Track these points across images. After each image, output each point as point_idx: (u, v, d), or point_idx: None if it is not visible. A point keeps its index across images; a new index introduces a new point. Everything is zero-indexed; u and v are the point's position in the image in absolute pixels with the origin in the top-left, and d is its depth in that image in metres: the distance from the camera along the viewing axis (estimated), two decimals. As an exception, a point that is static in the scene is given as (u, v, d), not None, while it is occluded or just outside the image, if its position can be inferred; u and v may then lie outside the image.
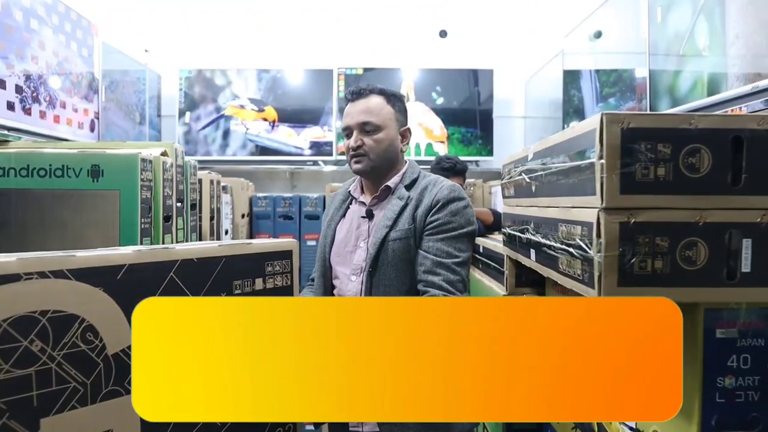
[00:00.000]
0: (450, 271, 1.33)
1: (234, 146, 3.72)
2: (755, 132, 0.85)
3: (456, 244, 1.38)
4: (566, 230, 1.02)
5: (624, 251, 0.85)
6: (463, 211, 1.42)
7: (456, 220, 1.40)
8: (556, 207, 1.10)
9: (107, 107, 2.96)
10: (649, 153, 0.84)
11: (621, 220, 0.85)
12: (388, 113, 1.55)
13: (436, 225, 1.41)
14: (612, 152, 0.84)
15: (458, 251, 1.36)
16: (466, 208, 1.43)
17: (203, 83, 3.69)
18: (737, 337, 0.91)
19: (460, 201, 1.43)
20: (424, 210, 1.44)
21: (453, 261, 1.34)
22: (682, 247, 0.86)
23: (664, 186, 0.85)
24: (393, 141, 1.56)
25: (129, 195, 1.59)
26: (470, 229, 1.42)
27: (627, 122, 0.84)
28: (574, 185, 0.97)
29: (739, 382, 0.91)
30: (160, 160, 1.70)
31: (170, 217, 1.78)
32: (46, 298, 0.79)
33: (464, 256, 1.37)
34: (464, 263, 1.37)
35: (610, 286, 0.86)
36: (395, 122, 1.57)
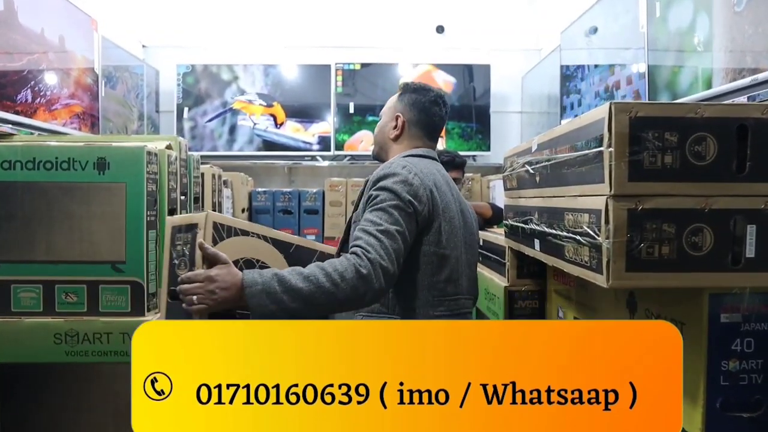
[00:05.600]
0: (369, 236, 1.25)
1: (241, 141, 3.72)
2: (760, 121, 0.87)
3: (381, 214, 1.29)
4: (573, 219, 1.04)
5: (632, 237, 0.87)
6: (392, 186, 1.33)
7: (383, 194, 1.33)
8: (562, 196, 1.13)
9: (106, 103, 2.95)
10: (656, 141, 0.86)
11: (629, 206, 0.87)
12: (390, 103, 1.63)
13: (366, 200, 1.39)
14: (621, 140, 0.86)
15: (382, 220, 1.28)
16: (397, 184, 1.34)
17: (209, 78, 3.69)
18: (741, 321, 0.93)
19: (392, 176, 1.36)
20: (365, 190, 1.44)
21: (377, 228, 1.26)
22: (688, 233, 0.88)
23: (671, 173, 0.87)
24: (383, 127, 1.63)
25: (135, 187, 1.60)
26: (396, 203, 1.31)
27: (635, 111, 0.86)
28: (582, 174, 1.00)
29: (743, 366, 0.94)
30: (165, 154, 1.71)
31: (174, 210, 1.79)
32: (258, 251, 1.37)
33: (389, 226, 1.27)
34: (388, 232, 1.26)
35: (619, 271, 0.88)
36: (391, 110, 1.61)
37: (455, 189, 1.60)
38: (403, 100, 1.60)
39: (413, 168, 1.40)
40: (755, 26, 1.45)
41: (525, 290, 1.80)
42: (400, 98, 1.61)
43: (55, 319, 1.53)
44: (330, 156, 3.71)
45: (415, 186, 1.35)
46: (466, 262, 1.52)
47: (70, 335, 1.55)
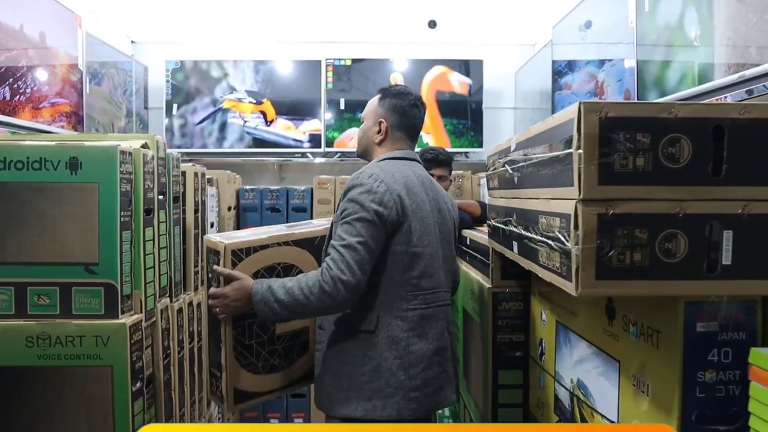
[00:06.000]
0: (334, 251, 1.41)
1: (231, 139, 3.67)
2: (737, 121, 0.83)
3: (347, 228, 1.42)
4: (546, 222, 1.01)
5: (602, 243, 0.84)
6: (357, 197, 1.44)
7: (350, 206, 1.45)
8: (537, 199, 1.09)
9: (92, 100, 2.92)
10: (627, 143, 0.83)
11: (599, 211, 0.83)
12: (371, 107, 1.69)
13: (338, 213, 1.51)
14: (590, 142, 0.83)
15: (346, 234, 1.41)
16: (362, 194, 1.44)
17: (199, 75, 3.64)
18: (718, 330, 0.90)
19: (358, 187, 1.46)
20: (341, 199, 1.54)
21: (340, 243, 1.41)
22: (661, 239, 0.84)
23: (643, 176, 0.83)
24: (366, 131, 1.69)
25: (108, 187, 1.57)
26: (361, 215, 1.42)
27: (605, 111, 0.82)
28: (554, 176, 0.96)
29: (720, 377, 0.90)
30: (141, 153, 1.67)
31: (151, 210, 1.75)
32: (281, 256, 1.63)
33: (351, 239, 1.40)
34: (350, 246, 1.39)
35: (588, 279, 0.85)
36: (373, 114, 1.68)
37: (433, 187, 1.65)
38: (384, 104, 1.66)
39: (380, 175, 1.49)
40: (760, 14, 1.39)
41: (509, 292, 1.77)
42: (381, 103, 1.67)
43: (27, 322, 1.51)
44: (321, 153, 3.67)
45: (380, 193, 1.45)
46: (443, 257, 1.60)
47: (42, 338, 1.52)
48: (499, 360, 1.79)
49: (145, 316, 1.68)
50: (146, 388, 1.69)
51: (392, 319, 1.48)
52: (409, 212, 1.47)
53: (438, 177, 2.56)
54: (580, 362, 1.32)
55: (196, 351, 2.17)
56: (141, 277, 1.66)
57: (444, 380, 1.53)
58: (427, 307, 1.51)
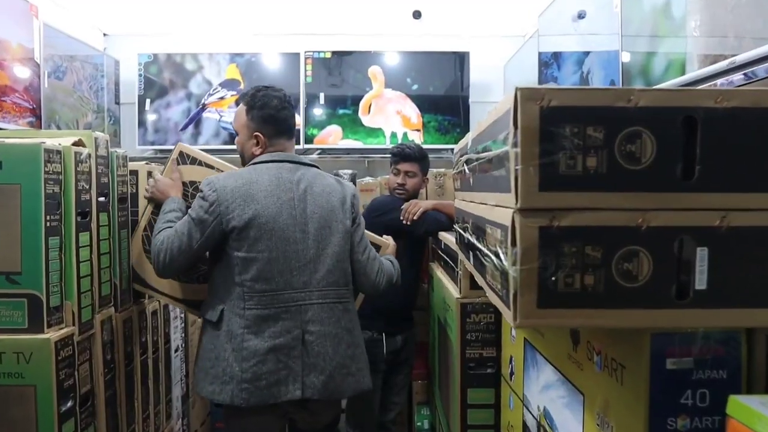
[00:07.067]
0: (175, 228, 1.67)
1: (206, 135, 3.52)
2: (712, 112, 0.67)
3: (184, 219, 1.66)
4: (491, 233, 0.85)
5: (545, 263, 0.67)
6: (196, 200, 1.66)
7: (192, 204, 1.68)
8: (485, 204, 0.93)
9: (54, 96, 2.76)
10: (575, 138, 0.66)
11: (541, 223, 0.67)
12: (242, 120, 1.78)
13: None
14: (528, 138, 0.66)
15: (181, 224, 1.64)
16: (198, 199, 1.65)
17: (173, 68, 3.48)
18: (693, 367, 0.73)
19: (199, 192, 1.66)
20: None
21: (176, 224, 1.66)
22: (619, 259, 0.68)
23: (596, 180, 0.67)
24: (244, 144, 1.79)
25: (31, 189, 1.44)
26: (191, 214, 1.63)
27: (547, 99, 0.66)
28: (495, 179, 0.79)
29: (695, 424, 0.74)
30: (72, 151, 1.52)
31: (88, 213, 1.60)
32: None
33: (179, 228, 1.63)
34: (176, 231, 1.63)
35: (528, 307, 0.68)
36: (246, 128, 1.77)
37: (301, 186, 1.67)
38: (253, 117, 1.73)
39: (217, 183, 1.62)
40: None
41: (479, 303, 1.61)
42: (249, 116, 1.73)
43: (-61, 337, 1.37)
44: (300, 150, 3.51)
45: (209, 203, 1.61)
46: (308, 258, 1.63)
47: (-44, 354, 1.38)
48: (468, 377, 1.63)
49: (79, 329, 1.54)
50: (81, 407, 1.55)
51: (232, 315, 1.59)
52: (240, 221, 1.58)
53: (405, 173, 2.42)
54: (547, 388, 1.16)
55: (151, 362, 2.02)
56: (73, 286, 1.52)
57: (285, 376, 1.58)
58: (263, 308, 1.58)
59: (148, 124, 3.52)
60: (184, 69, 3.51)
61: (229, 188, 1.61)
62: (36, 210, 1.42)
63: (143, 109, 3.49)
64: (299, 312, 1.61)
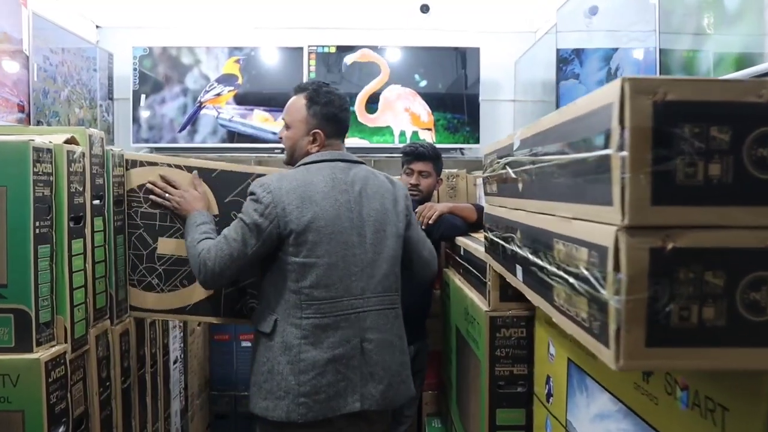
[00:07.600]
0: (217, 239, 1.56)
1: (204, 132, 3.38)
2: None
3: (234, 223, 1.55)
4: (565, 251, 0.72)
5: (657, 293, 0.55)
6: (247, 203, 1.56)
7: (243, 209, 1.57)
8: (551, 215, 0.80)
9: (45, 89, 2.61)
10: (697, 141, 0.54)
11: (652, 244, 0.55)
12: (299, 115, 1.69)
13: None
14: (640, 140, 0.53)
15: (232, 228, 1.54)
16: (251, 202, 1.55)
17: (169, 62, 3.33)
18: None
19: (251, 195, 1.56)
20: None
21: (223, 234, 1.55)
22: (745, 287, 0.56)
23: (720, 192, 0.55)
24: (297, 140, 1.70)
25: (18, 192, 1.30)
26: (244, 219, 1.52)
27: (663, 93, 0.53)
28: (578, 188, 0.67)
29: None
30: (64, 149, 1.38)
31: (82, 218, 1.46)
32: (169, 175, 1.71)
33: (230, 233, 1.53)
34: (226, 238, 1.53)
35: (635, 345, 0.56)
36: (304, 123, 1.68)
37: (356, 187, 1.61)
38: (315, 113, 1.64)
39: (272, 185, 1.53)
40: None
41: (510, 316, 1.49)
42: (310, 111, 1.65)
43: None
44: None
45: (264, 205, 1.51)
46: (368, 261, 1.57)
47: (-63, 377, 1.25)
48: (497, 396, 1.51)
49: (72, 347, 1.40)
50: (75, 430, 1.41)
51: (287, 325, 1.52)
52: (299, 224, 1.50)
53: (419, 173, 2.31)
54: (602, 418, 1.03)
55: (149, 377, 1.88)
56: (65, 299, 1.39)
57: (343, 388, 1.52)
58: (322, 316, 1.51)
59: (142, 120, 3.37)
60: (180, 63, 3.37)
61: (285, 189, 1.52)
62: (24, 215, 1.29)
63: (138, 105, 3.34)
64: (358, 320, 1.55)
